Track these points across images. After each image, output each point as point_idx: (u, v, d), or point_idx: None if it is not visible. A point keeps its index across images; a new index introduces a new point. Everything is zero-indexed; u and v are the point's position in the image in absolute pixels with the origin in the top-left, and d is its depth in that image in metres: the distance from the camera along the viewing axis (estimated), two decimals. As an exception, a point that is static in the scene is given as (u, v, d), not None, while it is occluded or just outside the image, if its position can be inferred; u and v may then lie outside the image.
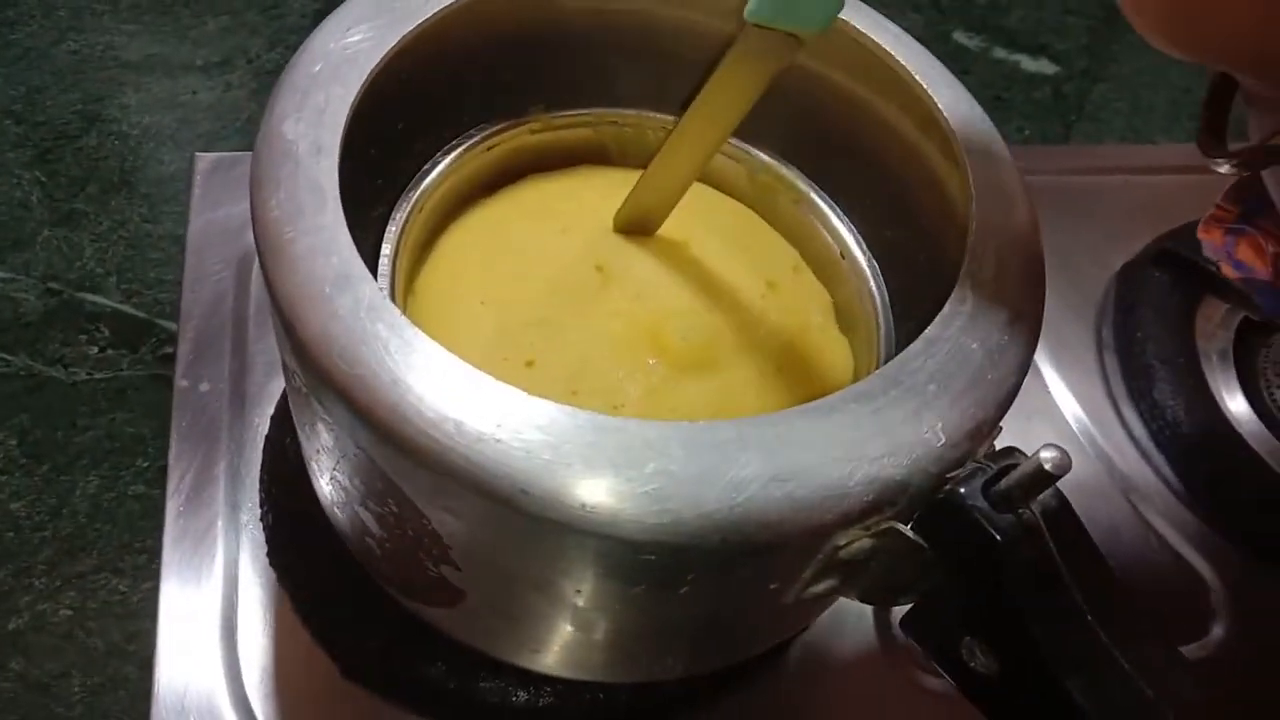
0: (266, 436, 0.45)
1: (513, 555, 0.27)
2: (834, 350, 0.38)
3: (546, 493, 0.24)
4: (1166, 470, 0.52)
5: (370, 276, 0.26)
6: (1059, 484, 0.25)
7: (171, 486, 0.43)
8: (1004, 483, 0.25)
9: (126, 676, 0.50)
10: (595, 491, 0.24)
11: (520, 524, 0.25)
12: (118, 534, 0.53)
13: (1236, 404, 0.53)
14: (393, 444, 0.24)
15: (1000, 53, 0.81)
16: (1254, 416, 0.53)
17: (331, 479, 0.32)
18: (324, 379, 0.25)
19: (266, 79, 0.71)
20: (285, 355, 0.29)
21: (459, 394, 0.24)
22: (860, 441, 0.25)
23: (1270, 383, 0.54)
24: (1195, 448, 0.51)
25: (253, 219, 0.28)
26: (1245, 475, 0.51)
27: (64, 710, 0.48)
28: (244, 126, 0.68)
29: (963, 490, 0.25)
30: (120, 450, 0.55)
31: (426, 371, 0.25)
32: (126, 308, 0.59)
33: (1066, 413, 0.53)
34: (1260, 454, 0.51)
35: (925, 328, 0.28)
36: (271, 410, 0.46)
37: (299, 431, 0.34)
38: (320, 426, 0.29)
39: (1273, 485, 0.50)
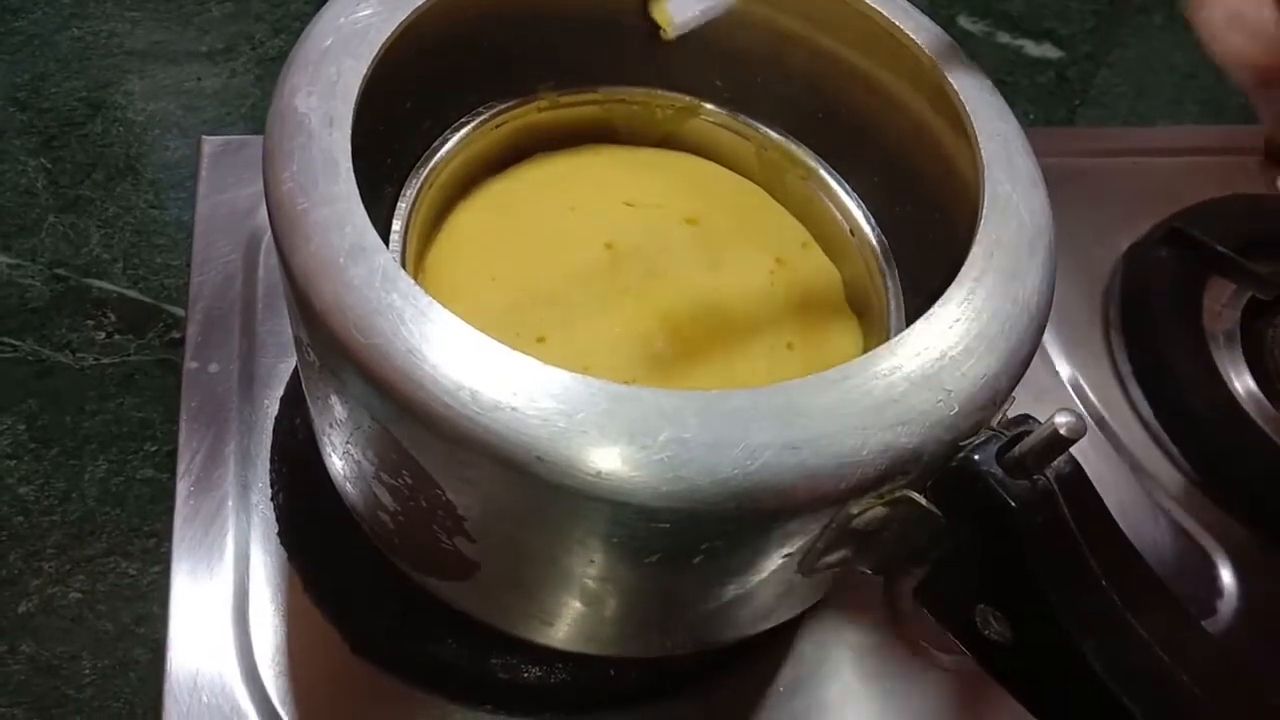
0: (276, 417, 0.45)
1: (527, 525, 0.28)
2: (843, 326, 0.38)
3: (562, 460, 0.24)
4: (1174, 449, 0.52)
5: (384, 246, 0.26)
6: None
7: (181, 468, 0.43)
8: (1018, 449, 0.25)
9: (136, 659, 0.50)
10: (610, 459, 0.24)
11: (535, 492, 0.25)
12: (127, 518, 0.53)
13: (1244, 383, 0.53)
14: (409, 413, 0.25)
15: (1004, 38, 0.82)
16: (1261, 396, 0.52)
17: (344, 454, 0.32)
18: (339, 350, 0.25)
19: (270, 65, 0.71)
20: (298, 328, 0.29)
21: (474, 363, 0.24)
22: (873, 410, 0.25)
23: (1277, 362, 0.54)
24: (1203, 427, 0.51)
25: (266, 192, 0.28)
26: (1253, 454, 0.51)
27: (74, 692, 0.49)
28: (249, 112, 0.68)
29: (977, 457, 0.25)
30: (128, 434, 0.55)
31: (441, 341, 0.25)
32: (133, 293, 0.60)
33: (1074, 392, 0.54)
34: (1268, 433, 0.51)
35: (934, 303, 0.28)
36: (281, 391, 0.46)
37: (311, 407, 0.34)
38: (334, 399, 0.29)
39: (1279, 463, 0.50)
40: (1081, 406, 0.53)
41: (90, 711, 0.48)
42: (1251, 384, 0.53)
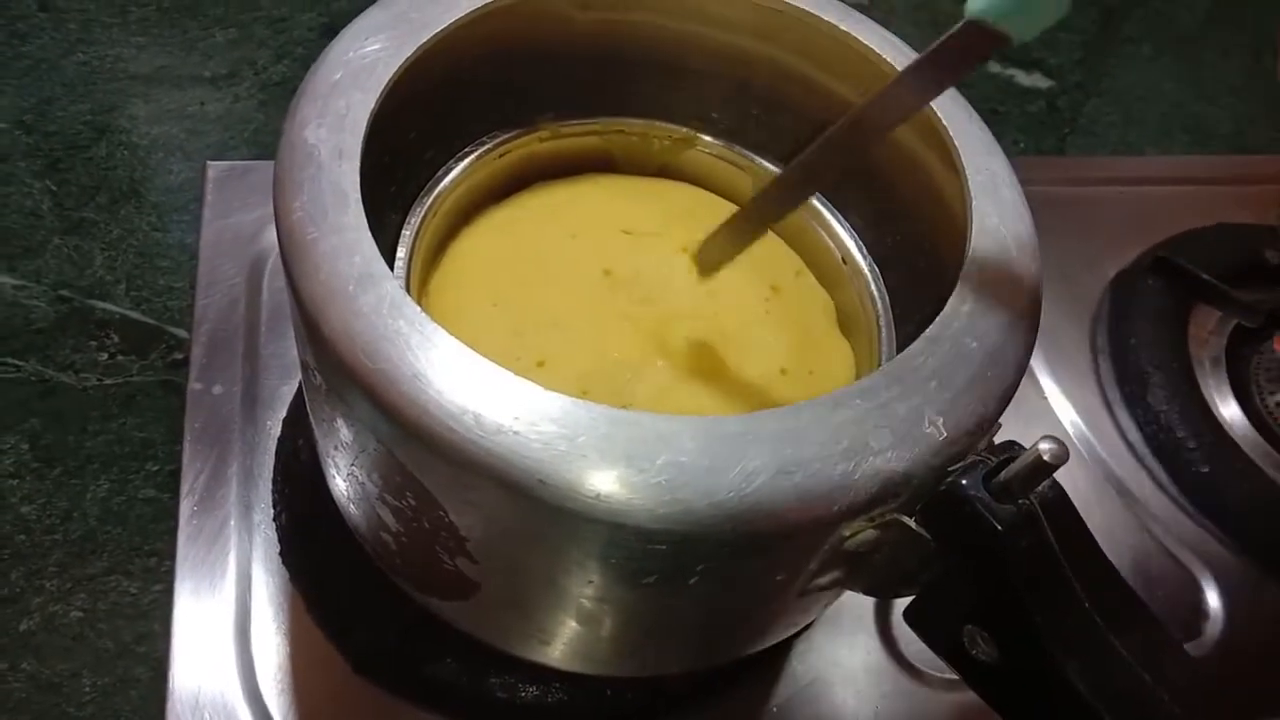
0: (278, 438, 0.46)
1: (528, 545, 0.28)
2: (836, 352, 0.39)
3: (563, 483, 0.24)
4: (1161, 473, 0.53)
5: (391, 274, 0.27)
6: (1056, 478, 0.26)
7: (185, 487, 0.44)
8: (1004, 474, 0.26)
9: (137, 677, 0.50)
10: (609, 481, 0.24)
11: (536, 513, 0.25)
12: (128, 537, 0.53)
13: (1229, 409, 0.54)
14: (414, 436, 0.25)
15: (995, 67, 0.83)
16: (1246, 421, 0.54)
17: (349, 475, 0.33)
18: (347, 374, 0.26)
19: (273, 90, 0.72)
20: (306, 353, 0.30)
21: (478, 388, 0.25)
22: (865, 435, 0.26)
23: (1262, 388, 0.55)
24: (1189, 451, 0.52)
25: (276, 221, 0.28)
26: (1238, 479, 0.52)
27: (75, 710, 0.49)
28: (251, 137, 0.69)
29: (964, 482, 0.26)
30: (130, 454, 0.56)
31: (446, 366, 0.25)
32: (136, 314, 0.60)
33: (1062, 417, 0.54)
34: (1253, 458, 0.52)
35: (924, 329, 0.29)
36: (284, 413, 0.46)
37: (315, 430, 0.35)
38: (340, 423, 0.30)
39: (1265, 488, 0.51)
40: (1070, 431, 0.54)
41: (90, 729, 0.48)
42: (1237, 409, 0.54)
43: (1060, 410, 0.55)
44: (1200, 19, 0.89)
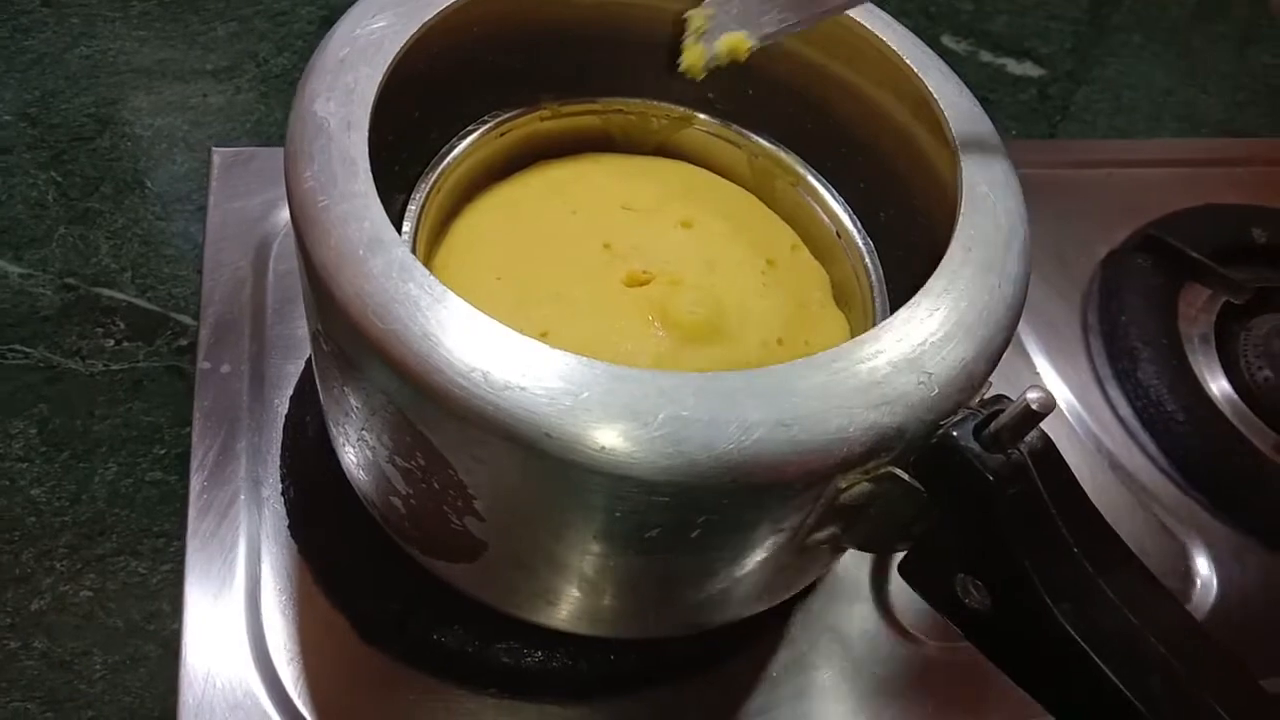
0: (286, 415, 0.47)
1: (534, 501, 0.29)
2: (831, 323, 0.39)
3: (568, 437, 0.25)
4: (1152, 447, 0.54)
5: (400, 239, 0.28)
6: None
7: (195, 464, 0.45)
8: (993, 425, 0.27)
9: (146, 654, 0.51)
10: (613, 435, 0.25)
11: (543, 467, 0.26)
12: (136, 518, 0.54)
13: (1219, 384, 0.55)
14: (425, 394, 0.26)
15: (987, 56, 0.84)
16: (1235, 395, 0.55)
17: (358, 441, 0.33)
18: (359, 336, 0.27)
19: (274, 83, 0.73)
20: (316, 321, 0.31)
21: (486, 346, 0.26)
22: (859, 391, 0.27)
23: (1251, 364, 0.56)
24: (1178, 425, 0.53)
25: (288, 191, 0.29)
26: (1227, 452, 0.53)
27: (86, 687, 0.50)
28: (253, 128, 0.70)
29: (955, 433, 0.27)
30: (137, 438, 0.56)
31: (455, 326, 0.26)
32: (141, 302, 0.61)
33: (1055, 394, 0.55)
34: (1242, 431, 0.53)
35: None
36: (290, 391, 0.47)
37: (324, 400, 0.36)
38: (350, 388, 0.31)
39: (1252, 459, 0.52)
40: (1062, 407, 0.55)
41: (102, 705, 0.49)
42: (1226, 385, 0.55)
43: (1053, 386, 0.56)
44: (1190, 7, 0.90)
